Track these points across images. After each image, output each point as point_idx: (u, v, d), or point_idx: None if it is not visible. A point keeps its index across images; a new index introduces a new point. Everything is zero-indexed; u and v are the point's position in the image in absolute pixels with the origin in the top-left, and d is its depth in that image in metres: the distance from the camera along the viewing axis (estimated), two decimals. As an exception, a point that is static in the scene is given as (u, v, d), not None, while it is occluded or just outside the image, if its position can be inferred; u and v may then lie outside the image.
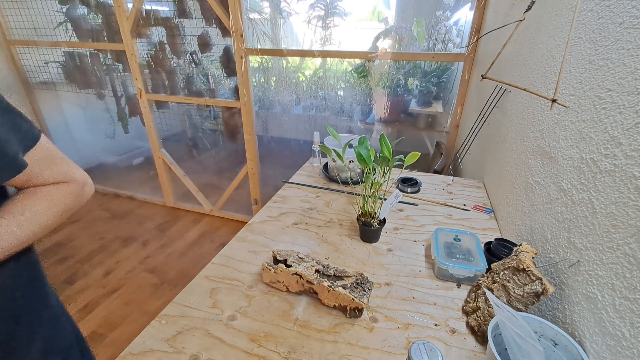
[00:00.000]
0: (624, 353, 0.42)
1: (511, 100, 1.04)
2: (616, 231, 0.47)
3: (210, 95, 2.28)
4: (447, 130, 1.98)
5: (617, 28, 0.52)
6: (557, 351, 0.50)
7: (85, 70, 2.50)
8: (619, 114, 0.49)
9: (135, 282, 1.91)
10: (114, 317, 1.68)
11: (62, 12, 2.33)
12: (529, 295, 0.56)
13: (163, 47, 2.21)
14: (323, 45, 2.11)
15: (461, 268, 0.70)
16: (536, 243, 0.72)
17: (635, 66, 0.47)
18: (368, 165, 0.80)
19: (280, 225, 0.94)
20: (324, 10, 2.04)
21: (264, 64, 2.24)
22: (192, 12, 2.04)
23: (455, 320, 0.64)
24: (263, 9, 2.12)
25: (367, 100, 2.14)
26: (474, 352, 0.57)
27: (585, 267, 0.53)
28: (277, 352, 0.57)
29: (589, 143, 0.56)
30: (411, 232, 0.91)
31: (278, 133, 2.45)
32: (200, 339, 0.59)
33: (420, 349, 0.46)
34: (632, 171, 0.45)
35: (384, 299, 0.68)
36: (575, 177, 0.60)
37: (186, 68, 2.25)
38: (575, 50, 0.65)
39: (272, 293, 0.70)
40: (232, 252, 0.83)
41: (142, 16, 2.10)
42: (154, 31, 2.18)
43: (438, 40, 1.90)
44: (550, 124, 0.73)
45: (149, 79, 2.31)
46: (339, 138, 0.83)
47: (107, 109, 2.74)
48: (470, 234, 0.81)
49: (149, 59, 2.24)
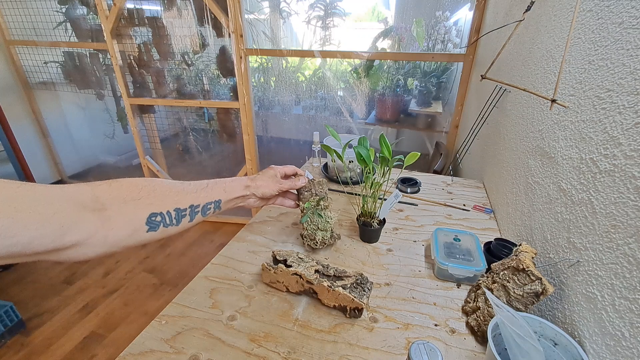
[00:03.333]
0: (624, 353, 0.42)
1: (511, 100, 1.04)
2: (616, 231, 0.47)
3: (205, 96, 2.27)
4: (447, 130, 1.98)
5: (617, 28, 0.52)
6: (557, 351, 0.51)
7: (84, 70, 2.50)
8: (619, 114, 0.49)
9: (135, 283, 1.91)
10: (113, 318, 1.68)
11: (62, 12, 2.32)
12: (528, 295, 0.56)
13: (148, 48, 2.15)
14: (323, 46, 2.11)
15: (461, 268, 0.70)
16: (536, 243, 0.72)
17: (634, 66, 0.47)
18: (368, 166, 0.80)
19: (280, 225, 0.94)
20: (324, 11, 2.04)
21: (263, 64, 2.24)
22: (181, 11, 2.01)
23: (455, 320, 0.64)
24: (263, 9, 2.12)
25: (367, 101, 2.14)
26: (473, 352, 0.57)
27: (585, 267, 0.53)
28: (277, 352, 0.57)
29: (589, 143, 0.56)
30: (411, 232, 0.91)
31: (277, 133, 2.44)
32: (200, 339, 0.59)
33: (420, 349, 0.46)
34: (632, 171, 0.45)
35: (384, 299, 0.68)
36: (574, 177, 0.60)
37: (177, 69, 2.22)
38: (574, 50, 0.65)
39: (272, 293, 0.70)
40: (231, 252, 0.83)
41: (125, 16, 2.03)
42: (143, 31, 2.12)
43: (438, 41, 1.90)
44: (549, 124, 0.73)
45: (134, 81, 2.25)
46: (338, 138, 0.83)
47: (106, 109, 2.74)
48: (470, 234, 0.81)
49: (131, 60, 2.18)
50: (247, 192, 0.66)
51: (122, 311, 1.72)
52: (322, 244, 0.80)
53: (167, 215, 0.50)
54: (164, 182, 0.52)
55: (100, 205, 0.42)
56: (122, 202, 0.45)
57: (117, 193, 0.45)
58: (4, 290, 1.85)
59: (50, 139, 2.94)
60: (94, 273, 1.98)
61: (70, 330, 1.60)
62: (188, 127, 2.64)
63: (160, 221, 0.49)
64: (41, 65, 2.57)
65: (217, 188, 0.60)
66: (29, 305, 1.75)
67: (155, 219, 0.48)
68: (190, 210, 0.54)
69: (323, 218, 0.79)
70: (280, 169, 0.73)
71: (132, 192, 0.46)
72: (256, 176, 0.69)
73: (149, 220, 0.47)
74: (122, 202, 0.45)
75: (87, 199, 0.41)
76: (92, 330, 1.61)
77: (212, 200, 0.58)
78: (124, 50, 2.16)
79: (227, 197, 0.62)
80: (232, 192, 0.63)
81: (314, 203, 0.77)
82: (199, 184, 0.58)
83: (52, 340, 1.56)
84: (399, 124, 2.19)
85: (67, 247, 0.39)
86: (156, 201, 0.48)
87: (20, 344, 1.54)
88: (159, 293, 1.84)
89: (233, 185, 0.64)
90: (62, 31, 2.37)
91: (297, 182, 0.75)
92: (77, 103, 2.93)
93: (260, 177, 0.69)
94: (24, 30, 2.46)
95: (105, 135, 2.88)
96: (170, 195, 0.51)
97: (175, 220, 0.51)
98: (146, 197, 0.47)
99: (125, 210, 0.45)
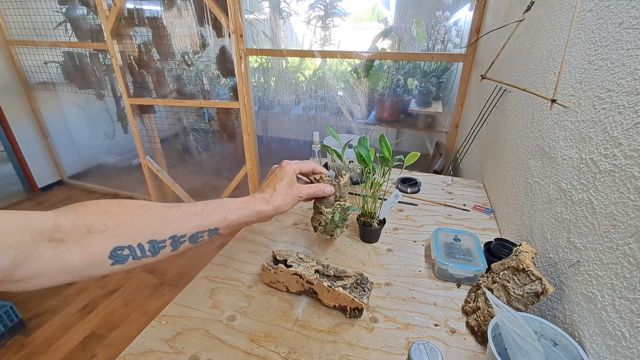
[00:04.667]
0: (624, 353, 0.42)
1: (511, 100, 1.04)
2: (616, 231, 0.47)
3: (205, 96, 2.27)
4: (447, 130, 1.98)
5: (617, 28, 0.52)
6: (557, 351, 0.51)
7: (84, 70, 2.50)
8: (619, 114, 0.49)
9: (135, 283, 1.91)
10: (113, 318, 1.68)
11: (62, 12, 2.33)
12: (528, 295, 0.56)
13: (148, 48, 2.15)
14: (323, 46, 2.11)
15: (461, 268, 0.70)
16: (536, 243, 0.72)
17: (634, 66, 0.47)
18: (368, 166, 0.80)
19: (280, 225, 0.94)
20: (324, 11, 2.04)
21: (263, 64, 2.24)
22: (181, 11, 2.01)
23: (455, 320, 0.64)
24: (263, 9, 2.12)
25: (367, 101, 2.14)
26: (473, 352, 0.57)
27: (585, 267, 0.53)
28: (277, 352, 0.57)
29: (589, 143, 0.56)
30: (411, 232, 0.91)
31: (278, 133, 2.45)
32: (200, 339, 0.59)
33: (420, 349, 0.46)
34: (632, 171, 0.45)
35: (384, 299, 0.68)
36: (574, 177, 0.60)
37: (177, 69, 2.22)
38: (574, 50, 0.65)
39: (272, 293, 0.70)
40: (231, 252, 0.83)
41: (125, 16, 2.03)
42: (143, 31, 2.12)
43: (437, 41, 1.90)
44: (549, 124, 0.73)
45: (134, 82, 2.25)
46: (338, 138, 0.83)
47: (106, 109, 2.74)
48: (470, 234, 0.81)
49: (131, 60, 2.18)
50: (261, 217, 0.56)
51: (122, 311, 1.72)
52: (337, 235, 0.79)
53: (139, 248, 0.44)
54: (144, 207, 0.46)
55: (62, 234, 0.39)
56: (85, 232, 0.40)
57: (81, 222, 0.40)
58: (3, 291, 1.85)
59: (50, 139, 2.94)
60: (94, 273, 1.98)
61: (70, 330, 1.60)
62: (188, 127, 2.64)
63: (129, 255, 0.43)
64: (41, 65, 2.57)
65: (215, 215, 0.51)
66: (29, 305, 1.75)
67: (122, 253, 0.42)
68: (171, 241, 0.46)
69: (347, 220, 0.76)
70: (295, 168, 0.62)
71: (98, 222, 0.41)
72: (272, 195, 0.58)
73: (113, 254, 0.42)
74: (85, 233, 0.40)
75: (47, 228, 0.38)
76: (92, 330, 1.61)
77: (205, 229, 0.50)
78: (124, 50, 2.16)
79: (228, 225, 0.52)
80: (236, 219, 0.53)
81: (343, 211, 0.70)
82: (191, 209, 0.49)
83: (52, 340, 1.56)
84: (399, 124, 2.19)
85: (18, 280, 0.37)
86: (126, 233, 0.43)
87: (20, 344, 1.54)
88: (159, 293, 1.84)
89: (239, 214, 0.53)
90: (62, 31, 2.38)
91: (320, 188, 0.65)
92: (77, 103, 2.93)
93: (277, 195, 0.58)
94: (24, 30, 2.46)
95: (105, 135, 2.89)
96: (145, 226, 0.44)
97: (150, 252, 0.45)
98: (114, 228, 0.42)
99: (87, 242, 0.40)
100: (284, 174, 0.60)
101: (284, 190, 0.58)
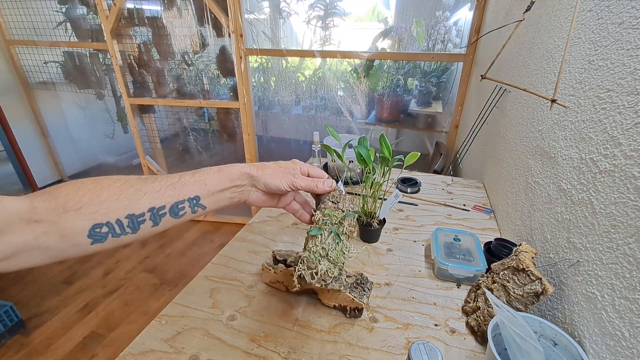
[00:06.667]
0: (624, 353, 0.42)
1: (511, 100, 1.04)
2: (616, 231, 0.47)
3: (205, 96, 2.27)
4: (447, 130, 1.98)
5: (617, 28, 0.52)
6: (557, 351, 0.51)
7: (84, 70, 2.50)
8: (619, 114, 0.49)
9: (135, 282, 1.91)
10: (113, 317, 1.68)
11: (62, 12, 2.32)
12: (528, 295, 0.56)
13: (148, 47, 2.15)
14: (323, 46, 2.11)
15: (461, 268, 0.70)
16: (536, 243, 0.72)
17: (634, 66, 0.47)
18: (368, 165, 0.80)
19: (280, 225, 0.94)
20: (324, 11, 2.04)
21: (263, 64, 2.24)
22: (181, 11, 2.01)
23: (455, 320, 0.64)
24: (262, 9, 2.12)
25: (367, 100, 2.14)
26: (473, 352, 0.57)
27: (585, 267, 0.53)
28: (277, 352, 0.57)
29: (589, 143, 0.57)
30: (411, 232, 0.91)
31: (278, 133, 2.44)
32: (200, 339, 0.59)
33: (420, 349, 0.46)
34: (632, 171, 0.45)
35: (384, 299, 0.68)
36: (574, 177, 0.60)
37: (177, 69, 2.22)
38: (574, 50, 0.65)
39: (272, 293, 0.70)
40: (231, 252, 0.83)
41: (125, 15, 2.03)
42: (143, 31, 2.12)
43: (437, 41, 1.90)
44: (549, 124, 0.73)
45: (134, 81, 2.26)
46: (338, 138, 0.83)
47: (106, 109, 2.74)
48: (470, 234, 0.81)
49: (131, 60, 2.18)
50: (244, 182, 0.50)
51: (122, 311, 1.72)
52: (320, 281, 0.50)
53: (117, 224, 0.41)
54: (118, 180, 0.43)
55: (37, 216, 0.37)
56: (62, 212, 0.38)
57: (56, 202, 0.38)
58: (4, 290, 1.85)
59: (50, 138, 2.94)
60: (94, 273, 1.98)
61: (70, 330, 1.60)
62: (188, 127, 2.64)
63: (108, 232, 0.41)
64: (41, 65, 2.57)
65: (192, 181, 0.46)
66: (29, 305, 1.75)
67: (101, 231, 0.40)
68: (150, 214, 0.43)
69: (340, 245, 0.55)
70: (303, 166, 0.56)
71: (72, 200, 0.39)
72: (267, 164, 0.53)
73: (92, 232, 0.40)
74: (61, 213, 0.38)
75: (23, 210, 0.36)
76: (92, 330, 1.61)
77: (184, 198, 0.45)
78: (124, 50, 2.16)
79: (209, 191, 0.47)
80: (216, 184, 0.48)
81: (339, 218, 0.57)
82: (168, 179, 0.46)
83: (52, 340, 1.56)
84: (399, 124, 2.19)
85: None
86: (101, 209, 0.40)
87: (20, 344, 1.54)
88: (159, 293, 1.84)
89: (219, 176, 0.48)
90: (62, 31, 2.37)
91: (320, 183, 0.56)
92: (77, 103, 2.93)
93: (269, 167, 0.52)
94: (24, 30, 2.46)
95: (105, 135, 2.88)
96: (120, 199, 0.41)
97: (130, 228, 0.42)
98: (88, 204, 0.39)
99: (64, 222, 0.38)
100: (287, 162, 0.56)
101: (280, 169, 0.53)
